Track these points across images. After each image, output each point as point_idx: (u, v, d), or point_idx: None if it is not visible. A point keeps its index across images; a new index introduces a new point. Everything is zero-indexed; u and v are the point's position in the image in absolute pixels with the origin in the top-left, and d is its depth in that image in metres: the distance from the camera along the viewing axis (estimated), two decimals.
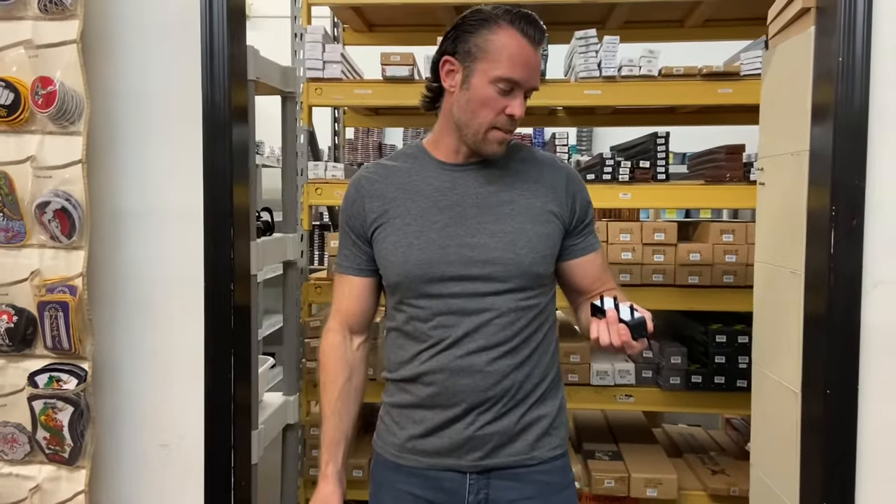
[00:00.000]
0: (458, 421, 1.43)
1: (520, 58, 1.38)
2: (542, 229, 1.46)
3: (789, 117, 1.78)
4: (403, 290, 1.47)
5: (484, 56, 1.39)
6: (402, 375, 1.49)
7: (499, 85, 1.38)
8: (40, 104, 1.61)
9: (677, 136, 3.32)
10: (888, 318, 1.55)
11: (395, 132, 6.12)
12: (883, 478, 1.56)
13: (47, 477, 1.71)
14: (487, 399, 1.42)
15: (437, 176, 1.49)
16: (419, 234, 1.44)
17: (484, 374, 1.42)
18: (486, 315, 1.42)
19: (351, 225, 1.52)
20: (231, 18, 1.70)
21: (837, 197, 1.53)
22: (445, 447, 1.44)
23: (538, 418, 1.47)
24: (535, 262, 1.44)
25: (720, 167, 2.85)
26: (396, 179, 1.50)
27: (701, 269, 2.88)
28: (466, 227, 1.44)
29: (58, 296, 1.64)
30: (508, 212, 1.45)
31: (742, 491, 2.77)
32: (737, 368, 2.85)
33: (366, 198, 1.50)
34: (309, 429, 3.04)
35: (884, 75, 1.53)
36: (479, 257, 1.42)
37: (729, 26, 3.43)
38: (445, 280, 1.43)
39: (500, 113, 1.40)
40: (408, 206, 1.47)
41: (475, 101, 1.40)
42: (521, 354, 1.44)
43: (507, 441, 1.45)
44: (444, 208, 1.45)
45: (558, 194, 1.49)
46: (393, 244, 1.46)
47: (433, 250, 1.43)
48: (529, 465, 1.46)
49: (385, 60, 2.91)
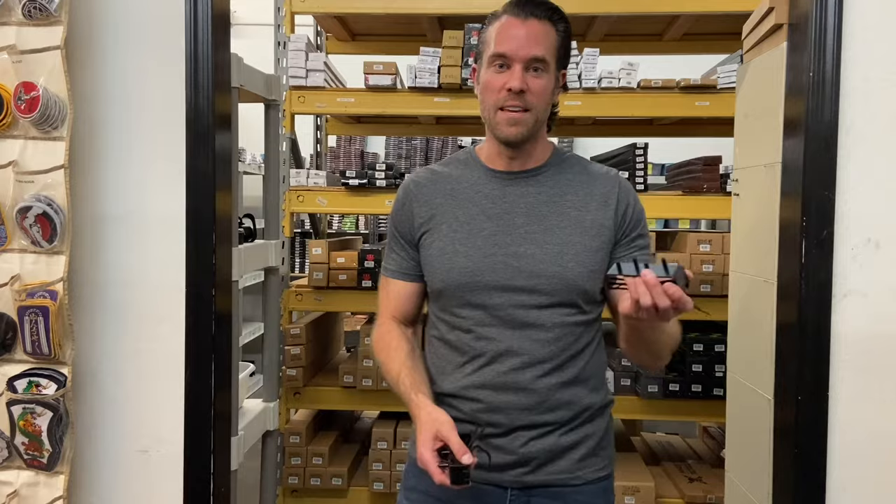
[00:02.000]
0: (502, 437, 1.39)
1: (505, 32, 1.37)
2: (591, 243, 1.40)
3: (762, 130, 1.82)
4: (447, 298, 1.43)
5: (484, 48, 1.41)
6: (444, 389, 1.43)
7: (494, 65, 1.38)
8: (23, 109, 1.61)
9: (656, 147, 3.38)
10: (857, 327, 1.58)
11: (377, 140, 6.14)
12: (852, 481, 1.60)
13: (25, 482, 1.70)
14: (532, 417, 1.38)
15: (486, 183, 1.46)
16: (465, 240, 1.41)
17: (528, 392, 1.37)
18: (530, 330, 1.38)
19: (399, 229, 1.50)
20: (215, 26, 1.71)
21: (808, 208, 1.57)
22: (487, 463, 1.38)
23: (584, 437, 1.43)
24: (581, 277, 1.38)
25: (697, 178, 2.90)
26: (445, 185, 1.48)
27: None
28: (514, 236, 1.40)
29: (38, 300, 1.64)
30: (557, 223, 1.41)
31: (718, 498, 2.81)
32: (713, 377, 2.90)
33: (414, 202, 1.48)
34: (288, 437, 3.04)
35: (853, 90, 1.57)
36: (525, 268, 1.38)
37: (706, 40, 3.50)
38: (489, 289, 1.39)
39: (500, 90, 1.38)
40: (455, 213, 1.44)
41: (482, 88, 1.41)
42: (567, 372, 1.40)
43: (551, 458, 1.40)
44: (493, 216, 1.42)
45: (610, 206, 1.43)
46: (438, 250, 1.43)
47: (478, 258, 1.40)
48: (573, 484, 1.42)
49: (368, 69, 2.93)
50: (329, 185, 3.10)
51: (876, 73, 1.57)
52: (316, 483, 3.04)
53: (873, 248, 1.58)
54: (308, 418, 3.24)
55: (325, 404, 3.15)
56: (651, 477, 2.92)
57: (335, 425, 3.42)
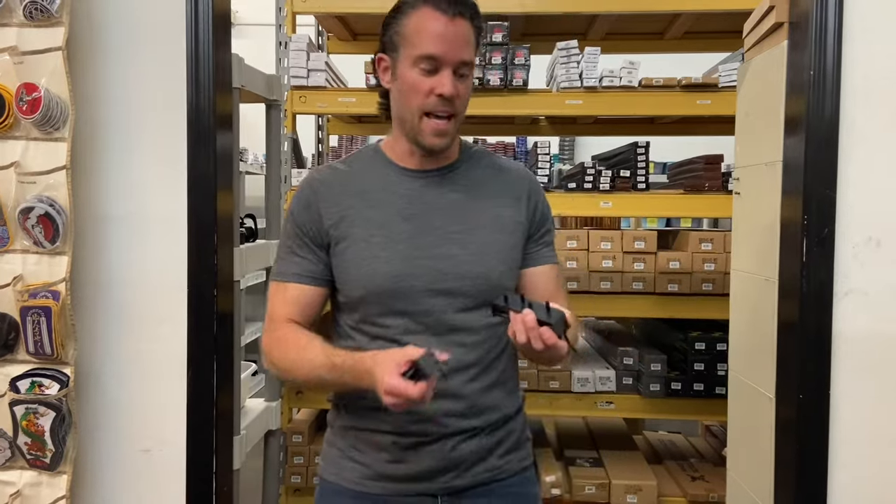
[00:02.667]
0: (431, 444, 1.35)
1: (434, 32, 1.29)
2: (509, 239, 1.39)
3: (763, 129, 1.82)
4: (367, 306, 1.36)
5: (404, 42, 1.32)
6: (367, 403, 1.33)
7: (420, 66, 1.30)
8: (25, 110, 1.61)
9: (657, 145, 3.38)
10: (858, 326, 1.58)
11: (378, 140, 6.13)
12: (854, 480, 1.60)
13: (28, 482, 1.70)
14: (462, 422, 1.35)
15: (399, 182, 1.39)
16: (384, 245, 1.34)
17: (458, 398, 1.34)
18: (457, 334, 1.34)
19: (305, 230, 1.39)
20: (216, 26, 1.72)
21: (809, 207, 1.57)
22: (416, 472, 1.36)
23: (508, 434, 1.42)
24: (504, 276, 1.37)
25: (699, 177, 2.90)
26: (354, 185, 1.40)
27: (680, 278, 2.92)
28: (434, 237, 1.35)
29: (40, 301, 1.65)
30: (477, 222, 1.38)
31: (721, 497, 2.81)
32: (716, 375, 2.90)
33: (321, 203, 1.38)
34: (291, 436, 3.05)
35: (854, 88, 1.57)
36: (449, 270, 1.34)
37: (708, 39, 3.49)
38: (414, 295, 1.33)
39: (428, 95, 1.31)
40: (369, 215, 1.36)
41: (404, 89, 1.33)
42: (492, 374, 1.38)
43: (478, 459, 1.38)
44: (410, 217, 1.36)
45: (522, 202, 1.42)
46: (356, 256, 1.35)
47: (400, 263, 1.33)
48: (501, 478, 1.40)
49: (369, 69, 2.93)
50: None
51: (876, 72, 1.57)
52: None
53: (874, 247, 1.58)
54: (310, 417, 3.25)
55: (327, 404, 3.14)
56: (653, 476, 2.92)
57: None
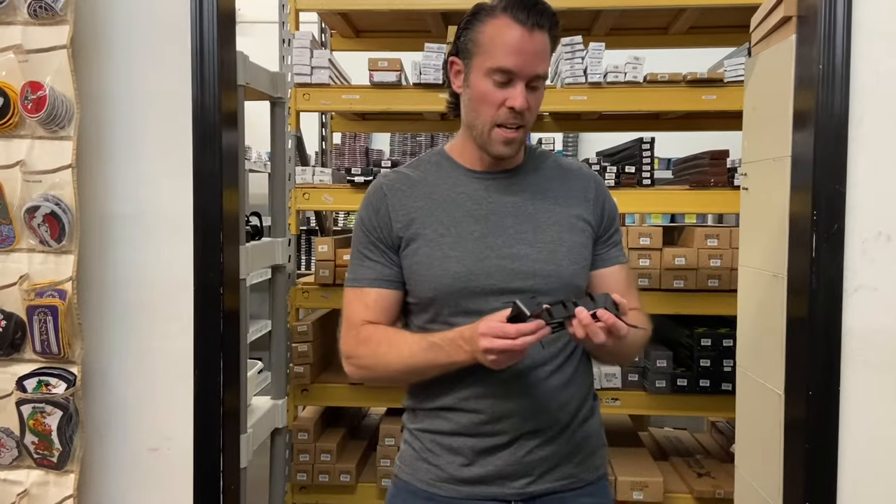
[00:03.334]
0: (505, 448, 1.35)
1: (511, 44, 1.29)
2: (578, 238, 1.39)
3: (771, 124, 1.81)
4: (439, 307, 1.36)
5: (478, 50, 1.32)
6: (443, 404, 1.37)
7: (494, 77, 1.30)
8: (30, 109, 1.61)
9: (662, 141, 3.37)
10: (868, 322, 1.57)
11: (382, 137, 6.14)
12: (864, 477, 1.59)
13: (35, 482, 1.70)
14: (536, 423, 1.35)
15: (467, 184, 1.40)
16: (455, 245, 1.35)
17: (532, 397, 1.34)
18: None
19: (377, 235, 1.41)
20: (221, 24, 1.71)
21: (819, 202, 1.56)
22: (490, 475, 1.35)
23: (584, 439, 1.41)
24: (575, 274, 1.37)
25: (705, 172, 2.89)
26: (422, 189, 1.41)
27: (686, 274, 2.92)
28: (505, 237, 1.36)
29: (47, 300, 1.64)
30: (546, 221, 1.38)
31: (727, 493, 2.80)
32: (722, 371, 2.89)
33: (390, 208, 1.40)
34: (296, 433, 3.05)
35: (863, 82, 1.56)
36: (520, 269, 1.34)
37: (713, 33, 3.48)
38: (486, 294, 1.34)
39: (500, 107, 1.31)
40: (439, 217, 1.37)
41: (475, 98, 1.33)
42: (566, 373, 1.37)
43: (554, 465, 1.37)
44: (480, 218, 1.37)
45: (588, 202, 1.43)
46: (427, 257, 1.36)
47: (472, 262, 1.34)
48: (576, 487, 1.39)
49: (372, 66, 2.93)
50: (334, 182, 3.09)
51: (886, 66, 1.56)
52: (324, 479, 3.05)
53: (884, 242, 1.57)
54: (316, 415, 3.25)
55: (332, 401, 3.16)
56: (659, 472, 2.92)
57: (343, 422, 3.42)
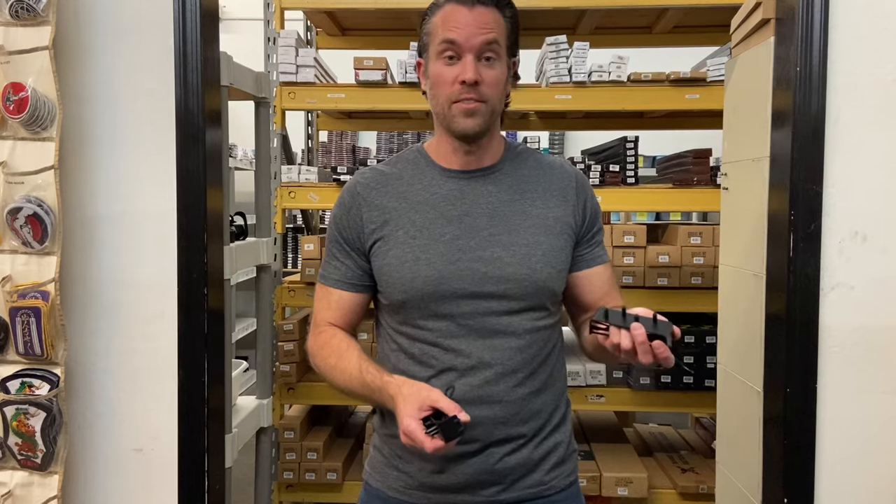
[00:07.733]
0: (476, 455, 1.31)
1: (452, 18, 1.29)
2: (556, 242, 1.35)
3: (751, 124, 1.83)
4: (409, 310, 1.34)
5: (430, 39, 1.33)
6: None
7: (444, 56, 1.29)
8: (12, 110, 1.61)
9: (646, 140, 3.40)
10: (845, 320, 1.60)
11: (368, 136, 6.13)
12: (840, 472, 1.62)
13: (19, 483, 1.70)
14: (507, 430, 1.32)
15: (442, 184, 1.37)
16: (426, 247, 1.32)
17: (503, 404, 1.31)
18: (501, 338, 1.31)
19: (345, 235, 1.39)
20: (204, 23, 1.71)
21: (796, 201, 1.58)
22: (461, 483, 1.32)
23: (555, 445, 1.38)
24: (550, 278, 1.34)
25: (688, 171, 2.91)
26: (397, 187, 1.38)
27: (669, 271, 2.94)
28: (478, 239, 1.33)
29: (30, 301, 1.64)
30: (521, 223, 1.35)
31: (711, 488, 2.83)
32: (705, 368, 2.91)
33: (363, 207, 1.37)
34: (283, 432, 3.05)
35: (840, 83, 1.58)
36: (493, 273, 1.31)
37: (696, 33, 3.50)
38: (457, 298, 1.31)
39: (453, 84, 1.29)
40: (411, 217, 1.34)
41: (432, 82, 1.32)
42: (538, 379, 1.34)
43: (525, 473, 1.34)
44: (453, 219, 1.34)
45: (569, 202, 1.39)
46: (397, 259, 1.33)
47: (442, 265, 1.31)
48: (546, 495, 1.36)
49: (358, 64, 2.93)
50: (321, 180, 3.09)
51: (862, 67, 1.58)
52: (311, 478, 3.05)
53: (860, 242, 1.59)
54: (302, 414, 3.25)
55: (319, 399, 3.15)
56: (644, 468, 2.94)
57: (329, 420, 3.42)
